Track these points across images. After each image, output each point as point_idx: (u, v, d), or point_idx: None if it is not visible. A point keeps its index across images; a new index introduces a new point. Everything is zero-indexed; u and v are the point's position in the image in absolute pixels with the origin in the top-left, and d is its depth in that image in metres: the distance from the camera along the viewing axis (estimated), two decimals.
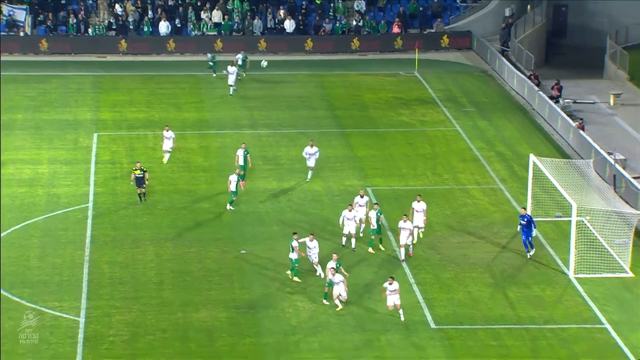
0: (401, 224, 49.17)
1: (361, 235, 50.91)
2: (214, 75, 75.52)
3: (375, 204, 51.17)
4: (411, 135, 66.27)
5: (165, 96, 72.62)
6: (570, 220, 49.37)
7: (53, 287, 46.98)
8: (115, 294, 46.60)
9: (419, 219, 51.02)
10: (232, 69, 71.83)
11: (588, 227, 51.50)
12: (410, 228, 49.40)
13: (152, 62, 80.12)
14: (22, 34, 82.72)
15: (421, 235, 51.24)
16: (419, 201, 51.13)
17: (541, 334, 44.16)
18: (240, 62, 73.77)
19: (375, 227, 50.21)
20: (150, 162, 60.61)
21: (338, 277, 44.16)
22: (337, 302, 44.54)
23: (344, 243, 50.54)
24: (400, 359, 42.11)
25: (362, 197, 51.35)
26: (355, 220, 50.29)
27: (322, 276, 46.62)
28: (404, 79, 77.65)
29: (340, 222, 50.37)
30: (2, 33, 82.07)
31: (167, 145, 59.67)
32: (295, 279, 47.22)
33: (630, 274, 49.08)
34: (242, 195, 56.43)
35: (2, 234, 51.59)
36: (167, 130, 59.77)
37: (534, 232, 50.14)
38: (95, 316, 44.69)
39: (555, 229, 53.01)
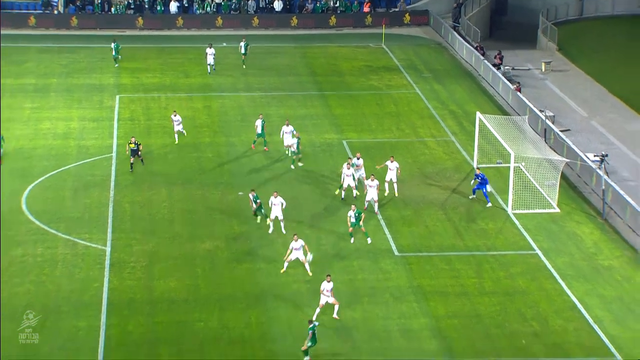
0: (369, 182, 47.95)
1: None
2: (117, 65, 70.49)
3: (350, 158, 50.84)
4: (379, 97, 66.19)
5: (175, 64, 72.26)
6: (509, 166, 49.61)
7: (84, 222, 47.06)
8: (135, 228, 46.69)
9: (393, 174, 49.80)
10: (210, 50, 68.95)
11: (524, 172, 51.73)
12: (377, 185, 48.06)
13: (164, 36, 79.71)
14: (56, 12, 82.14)
15: (396, 191, 50.16)
16: (392, 161, 49.92)
17: (485, 259, 44.48)
18: (243, 50, 70.63)
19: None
20: (163, 119, 60.47)
21: (328, 286, 38.69)
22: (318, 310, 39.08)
23: (343, 197, 49.51)
24: (369, 280, 42.38)
25: (358, 158, 49.92)
26: (354, 176, 48.98)
27: (271, 231, 45.59)
28: (373, 50, 77.43)
29: (342, 178, 49.30)
30: (39, 11, 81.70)
31: (177, 127, 56.24)
32: (263, 219, 46.57)
33: (558, 210, 49.38)
34: (240, 147, 56.42)
35: (41, 179, 51.59)
36: (175, 115, 56.51)
37: (489, 188, 50.09)
38: (119, 246, 44.83)
39: (496, 173, 53.20)
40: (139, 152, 52.39)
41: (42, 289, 41.10)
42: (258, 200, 46.52)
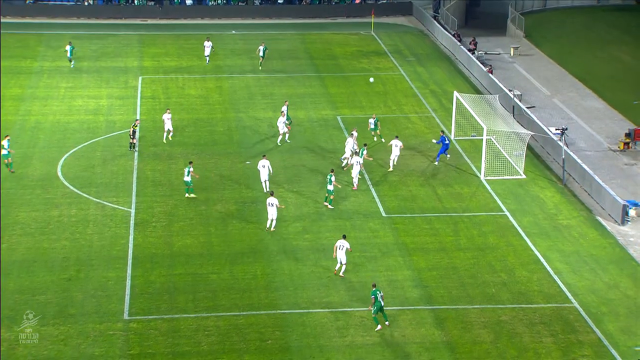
0: (355, 159, 47.12)
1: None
2: (72, 66, 65.39)
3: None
4: (369, 78, 65.90)
5: (191, 49, 71.87)
6: (482, 138, 49.54)
7: (111, 187, 47.02)
8: (156, 192, 46.67)
9: (396, 152, 48.99)
10: (207, 44, 67.39)
11: (494, 143, 51.69)
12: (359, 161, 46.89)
13: (180, 25, 79.27)
14: (86, 4, 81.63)
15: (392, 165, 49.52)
16: (396, 138, 49.22)
17: (460, 219, 44.53)
18: (262, 53, 66.89)
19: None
20: (180, 97, 60.33)
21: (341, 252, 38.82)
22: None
23: (343, 165, 49.21)
24: (360, 238, 42.41)
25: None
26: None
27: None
28: (363, 37, 77.07)
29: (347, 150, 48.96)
30: (72, 3, 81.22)
31: (168, 125, 52.34)
32: (192, 195, 45.67)
33: (524, 176, 49.39)
34: (247, 121, 56.25)
35: (74, 149, 51.46)
36: (168, 112, 52.80)
37: (448, 155, 50.19)
38: (142, 208, 44.83)
39: (471, 144, 53.17)
40: (135, 138, 50.79)
41: (76, 245, 41.16)
42: (191, 173, 45.31)
